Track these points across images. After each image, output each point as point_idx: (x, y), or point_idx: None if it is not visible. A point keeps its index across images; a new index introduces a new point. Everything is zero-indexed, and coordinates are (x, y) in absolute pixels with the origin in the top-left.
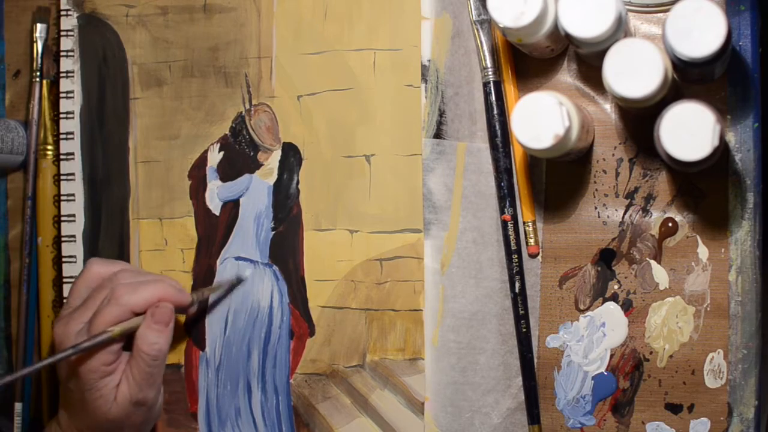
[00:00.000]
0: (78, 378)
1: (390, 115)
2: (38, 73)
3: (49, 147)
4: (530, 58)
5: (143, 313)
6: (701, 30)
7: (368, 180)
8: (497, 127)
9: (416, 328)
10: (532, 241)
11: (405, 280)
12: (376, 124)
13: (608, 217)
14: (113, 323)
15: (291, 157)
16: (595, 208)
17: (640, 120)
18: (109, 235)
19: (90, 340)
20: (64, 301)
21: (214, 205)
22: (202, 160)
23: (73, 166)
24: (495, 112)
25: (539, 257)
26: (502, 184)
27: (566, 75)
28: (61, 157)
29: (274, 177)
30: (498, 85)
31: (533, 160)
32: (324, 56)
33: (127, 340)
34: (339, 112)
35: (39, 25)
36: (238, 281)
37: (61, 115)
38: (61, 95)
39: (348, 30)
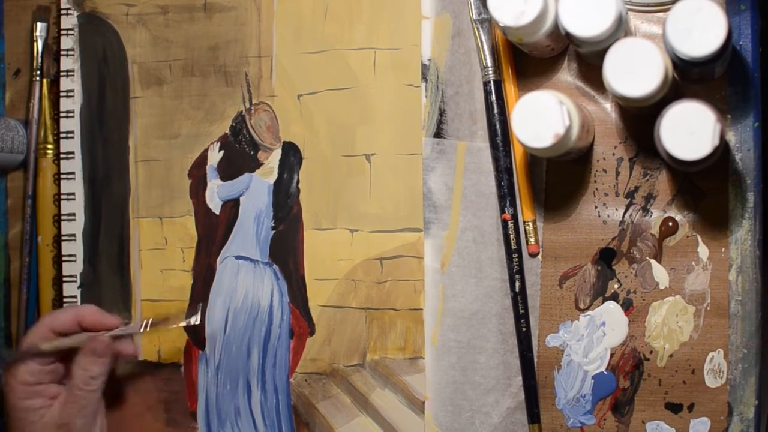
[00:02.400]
0: (8, 395)
1: (390, 114)
2: (38, 72)
3: (49, 146)
4: (530, 58)
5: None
6: (701, 30)
7: (368, 179)
8: (497, 126)
9: (416, 328)
10: (532, 240)
11: (405, 280)
12: (377, 124)
13: (608, 216)
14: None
15: (291, 156)
16: (596, 207)
17: (640, 119)
18: (109, 234)
19: (20, 353)
20: (64, 301)
21: (215, 204)
22: (203, 159)
23: (74, 165)
24: (495, 111)
25: (539, 256)
26: (503, 183)
27: (566, 74)
28: (62, 156)
29: (275, 176)
30: (498, 84)
31: (533, 159)
32: (324, 55)
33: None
34: (339, 111)
35: (39, 24)
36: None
37: (62, 114)
38: (62, 94)
39: (348, 29)
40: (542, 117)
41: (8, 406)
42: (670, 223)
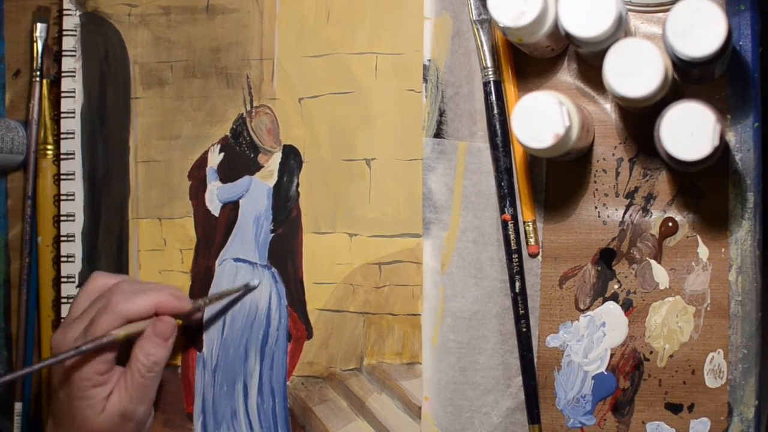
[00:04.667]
0: (70, 385)
1: (391, 119)
2: (38, 73)
3: (49, 146)
4: (530, 58)
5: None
6: (701, 30)
7: (368, 184)
8: (497, 126)
9: (414, 333)
10: (532, 240)
11: (403, 285)
12: (377, 128)
13: (608, 216)
14: (108, 331)
15: (291, 159)
16: (595, 207)
17: (640, 120)
18: (108, 235)
19: (92, 342)
20: (62, 301)
21: (214, 206)
22: (203, 161)
23: (73, 165)
24: (495, 111)
25: (539, 257)
26: (503, 183)
27: (566, 75)
28: (62, 156)
29: (274, 179)
30: (498, 84)
31: (533, 159)
32: (326, 59)
33: (123, 355)
34: (340, 115)
35: (39, 25)
36: (247, 289)
37: (62, 114)
38: (63, 94)
39: (350, 33)
40: (542, 117)
41: (64, 400)
42: (670, 224)
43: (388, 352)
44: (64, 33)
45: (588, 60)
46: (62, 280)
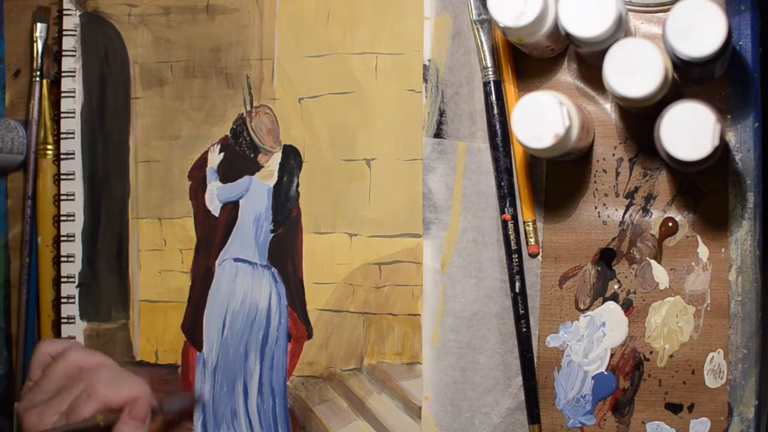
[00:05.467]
0: None
1: (391, 119)
2: (38, 73)
3: (49, 146)
4: (530, 58)
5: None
6: (701, 30)
7: (368, 184)
8: (497, 126)
9: (414, 333)
10: (532, 240)
11: (404, 285)
12: (377, 129)
13: (608, 216)
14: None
15: (291, 159)
16: (595, 207)
17: (640, 120)
18: (108, 235)
19: (77, 424)
20: (62, 302)
21: (214, 206)
22: (203, 161)
23: (73, 165)
24: (495, 111)
25: (539, 257)
26: (503, 183)
27: (566, 75)
28: (62, 156)
29: (274, 179)
30: (498, 84)
31: (533, 159)
32: (326, 59)
33: None
34: (340, 115)
35: (39, 25)
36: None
37: (62, 114)
38: (63, 94)
39: (350, 33)
40: (542, 117)
41: None
42: (670, 224)
43: (388, 352)
44: (64, 33)
45: (588, 60)
46: (62, 280)
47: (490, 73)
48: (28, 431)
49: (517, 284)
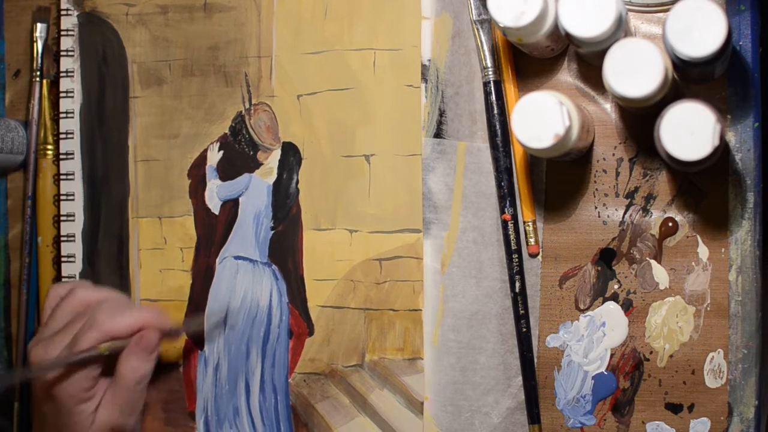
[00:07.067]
0: (56, 403)
1: (390, 115)
2: (38, 73)
3: (49, 146)
4: (530, 58)
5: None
6: (701, 30)
7: (368, 180)
8: (497, 126)
9: (415, 328)
10: (532, 240)
11: (404, 280)
12: (376, 124)
13: (608, 216)
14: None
15: (291, 156)
16: (595, 207)
17: (640, 120)
18: (108, 234)
19: (77, 354)
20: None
21: (214, 204)
22: (202, 159)
23: (73, 165)
24: (495, 111)
25: (539, 257)
26: (503, 183)
27: (566, 75)
28: (61, 156)
29: (274, 176)
30: (498, 84)
31: (533, 159)
32: (324, 56)
33: (108, 367)
34: (339, 111)
35: (39, 25)
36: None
37: (61, 114)
38: (61, 94)
39: (348, 30)
40: (542, 117)
41: (51, 416)
42: (670, 224)
43: (389, 347)
44: (62, 33)
45: (588, 60)
46: (62, 280)
47: (490, 73)
48: (32, 365)
49: (517, 284)
